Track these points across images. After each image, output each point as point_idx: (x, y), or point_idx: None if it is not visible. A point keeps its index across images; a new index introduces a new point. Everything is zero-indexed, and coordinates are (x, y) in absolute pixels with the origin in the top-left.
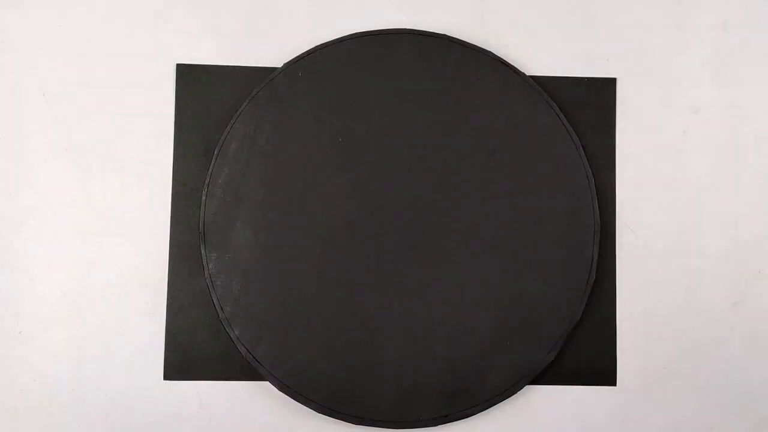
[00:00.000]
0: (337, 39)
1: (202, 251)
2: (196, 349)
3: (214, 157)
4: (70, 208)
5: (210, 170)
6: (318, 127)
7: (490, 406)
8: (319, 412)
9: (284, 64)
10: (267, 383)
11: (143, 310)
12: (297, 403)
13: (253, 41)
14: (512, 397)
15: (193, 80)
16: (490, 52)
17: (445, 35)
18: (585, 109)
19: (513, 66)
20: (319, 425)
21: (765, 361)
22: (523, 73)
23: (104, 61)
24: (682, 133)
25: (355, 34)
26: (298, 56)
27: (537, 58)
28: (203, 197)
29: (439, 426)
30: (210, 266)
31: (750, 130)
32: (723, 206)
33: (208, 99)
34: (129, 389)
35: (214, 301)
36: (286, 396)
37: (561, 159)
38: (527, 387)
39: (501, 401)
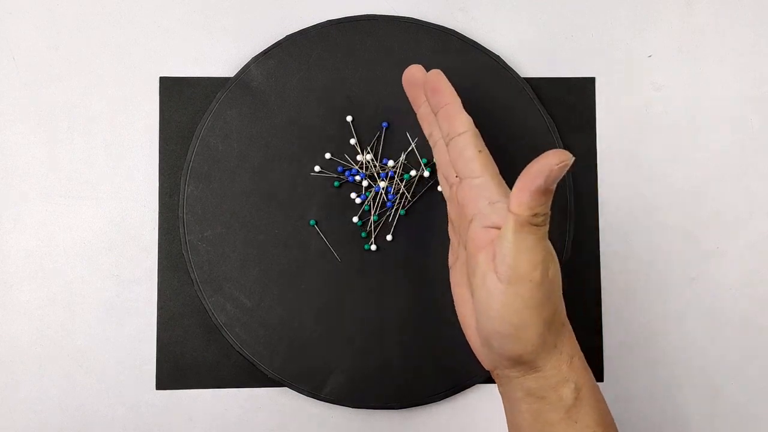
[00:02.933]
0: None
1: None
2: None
3: (192, 147)
4: (37, 171)
5: (189, 162)
6: (293, 114)
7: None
8: (323, 401)
9: (253, 57)
10: (260, 389)
11: (107, 273)
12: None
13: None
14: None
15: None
16: (492, 53)
17: (419, 20)
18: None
19: (505, 62)
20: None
21: (720, 337)
22: (514, 71)
23: (74, 25)
24: (644, 110)
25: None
26: (270, 46)
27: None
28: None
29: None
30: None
31: (710, 107)
32: (682, 183)
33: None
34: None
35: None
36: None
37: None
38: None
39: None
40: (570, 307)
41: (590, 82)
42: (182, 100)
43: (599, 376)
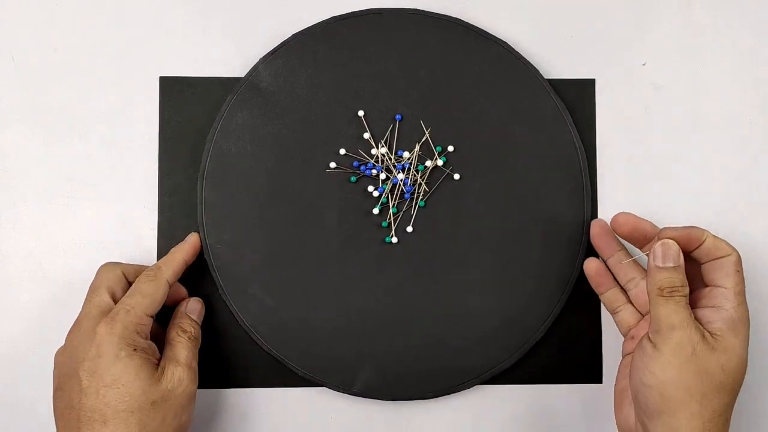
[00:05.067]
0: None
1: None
2: None
3: (207, 152)
4: (36, 171)
5: (205, 163)
6: (304, 112)
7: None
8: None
9: (276, 45)
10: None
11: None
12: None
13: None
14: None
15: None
16: (501, 40)
17: (425, 11)
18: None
19: (527, 60)
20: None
21: None
22: (522, 56)
23: (73, 26)
24: (644, 110)
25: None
26: (276, 46)
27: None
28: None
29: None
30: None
31: (710, 107)
32: (681, 183)
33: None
34: None
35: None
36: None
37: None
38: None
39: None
40: (570, 307)
41: (590, 83)
42: (182, 100)
43: (598, 376)
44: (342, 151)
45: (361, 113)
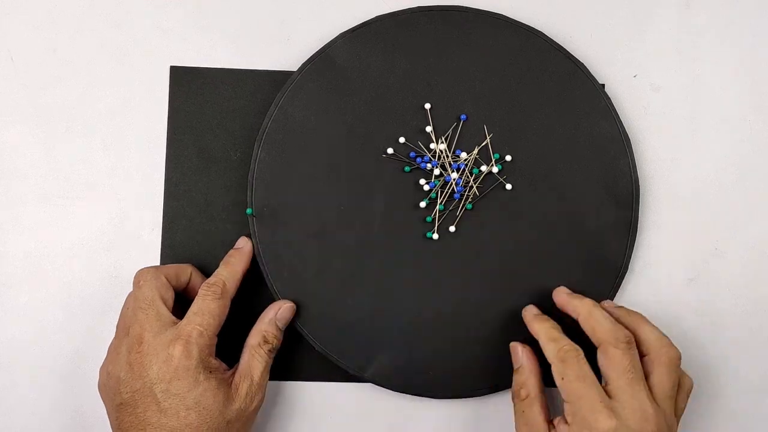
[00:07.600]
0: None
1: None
2: None
3: (270, 114)
4: (35, 172)
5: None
6: (372, 94)
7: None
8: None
9: (359, 23)
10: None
11: (106, 274)
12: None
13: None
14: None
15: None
16: (578, 60)
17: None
18: None
19: (585, 66)
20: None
21: (719, 337)
22: (608, 96)
23: (72, 26)
24: (643, 111)
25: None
26: (358, 24)
27: None
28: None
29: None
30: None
31: (709, 108)
32: (681, 183)
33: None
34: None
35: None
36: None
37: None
38: None
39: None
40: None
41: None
42: (191, 91)
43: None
44: (401, 140)
45: (427, 106)
